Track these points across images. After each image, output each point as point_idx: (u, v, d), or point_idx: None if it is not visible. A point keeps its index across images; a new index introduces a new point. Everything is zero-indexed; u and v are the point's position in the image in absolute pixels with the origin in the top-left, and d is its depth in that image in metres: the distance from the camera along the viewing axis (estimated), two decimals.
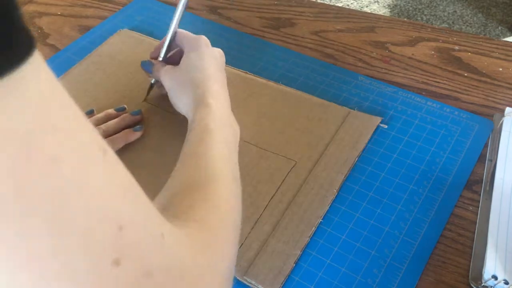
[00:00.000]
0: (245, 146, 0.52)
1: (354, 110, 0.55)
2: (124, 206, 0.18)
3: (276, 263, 0.43)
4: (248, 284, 0.42)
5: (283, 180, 0.49)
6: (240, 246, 0.44)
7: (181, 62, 0.48)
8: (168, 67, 0.49)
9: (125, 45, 0.67)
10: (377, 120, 0.54)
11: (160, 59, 0.53)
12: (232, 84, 0.51)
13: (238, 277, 0.43)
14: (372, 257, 0.43)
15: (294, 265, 0.43)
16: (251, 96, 0.58)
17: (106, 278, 0.17)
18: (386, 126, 0.54)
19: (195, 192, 0.32)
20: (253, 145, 0.52)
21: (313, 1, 0.75)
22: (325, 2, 0.79)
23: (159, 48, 0.53)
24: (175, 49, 0.54)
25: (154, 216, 0.21)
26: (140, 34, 0.68)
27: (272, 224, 0.46)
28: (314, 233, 0.45)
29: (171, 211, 0.30)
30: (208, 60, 0.47)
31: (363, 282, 0.42)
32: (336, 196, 0.48)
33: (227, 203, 0.33)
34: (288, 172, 0.50)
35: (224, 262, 0.28)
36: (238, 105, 0.55)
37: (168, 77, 0.48)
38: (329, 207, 0.47)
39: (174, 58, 0.53)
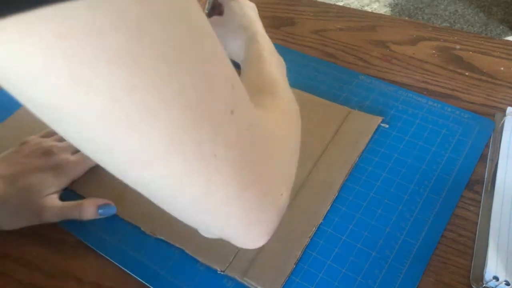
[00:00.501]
0: None
1: (355, 109, 0.55)
2: (233, 73, 0.24)
3: (276, 263, 0.43)
4: (248, 285, 0.42)
5: None
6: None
7: (225, 12, 0.53)
8: (215, 17, 0.53)
9: None
10: (378, 119, 0.54)
11: (206, 12, 0.56)
12: None
13: (238, 278, 0.42)
14: (372, 257, 0.43)
15: (295, 266, 0.43)
16: None
17: (228, 124, 0.22)
18: (387, 126, 0.53)
19: (261, 95, 0.37)
20: None
21: (314, 0, 0.75)
22: (326, 1, 0.79)
23: (203, 4, 0.56)
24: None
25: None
26: None
27: None
28: (315, 233, 0.45)
29: None
30: (248, 8, 0.52)
31: (364, 283, 0.41)
32: (337, 196, 0.47)
33: (292, 103, 0.40)
34: None
35: (293, 138, 0.37)
36: None
37: (217, 25, 0.52)
38: (330, 208, 0.47)
39: (215, 12, 0.57)
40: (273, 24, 0.70)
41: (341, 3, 1.95)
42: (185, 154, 0.21)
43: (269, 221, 0.28)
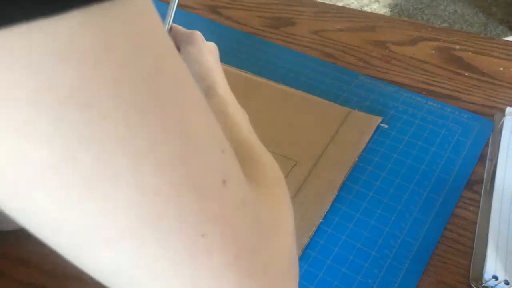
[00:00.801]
0: None
1: (355, 110, 0.55)
2: (223, 135, 0.20)
3: None
4: None
5: None
6: None
7: (183, 57, 0.49)
8: None
9: None
10: (378, 119, 0.54)
11: None
12: (231, 84, 0.51)
13: None
14: (372, 257, 0.43)
15: None
16: (251, 96, 0.58)
17: (218, 197, 0.18)
18: (386, 126, 0.53)
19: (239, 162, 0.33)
20: None
21: (314, 1, 0.75)
22: (325, 2, 0.79)
23: None
24: None
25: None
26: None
27: None
28: (314, 233, 0.45)
29: None
30: (207, 54, 0.48)
31: (364, 282, 0.41)
32: (336, 196, 0.47)
33: (276, 170, 0.33)
34: (288, 172, 0.49)
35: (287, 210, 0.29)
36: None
37: None
38: (329, 207, 0.47)
39: None
40: (273, 24, 0.70)
41: (340, 4, 1.95)
42: (161, 233, 0.16)
43: None
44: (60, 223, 0.16)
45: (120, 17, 0.15)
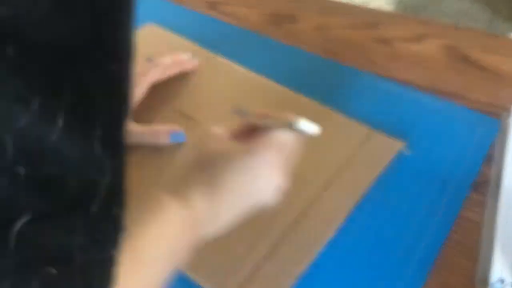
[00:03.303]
0: None
1: (375, 131, 0.51)
2: None
3: (274, 281, 0.41)
4: None
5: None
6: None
7: None
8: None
9: (150, 40, 0.66)
10: (399, 145, 0.50)
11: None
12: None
13: None
14: (377, 260, 0.42)
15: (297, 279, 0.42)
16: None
17: None
18: (408, 153, 0.50)
19: None
20: None
21: None
22: None
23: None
24: None
25: None
26: (166, 30, 0.68)
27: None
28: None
29: None
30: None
31: (368, 285, 0.41)
32: None
33: None
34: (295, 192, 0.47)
35: None
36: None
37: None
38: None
39: None
40: (274, 21, 0.70)
41: (344, 0, 1.94)
42: None
43: None
44: None
45: None
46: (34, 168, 0.18)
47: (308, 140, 0.39)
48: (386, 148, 0.50)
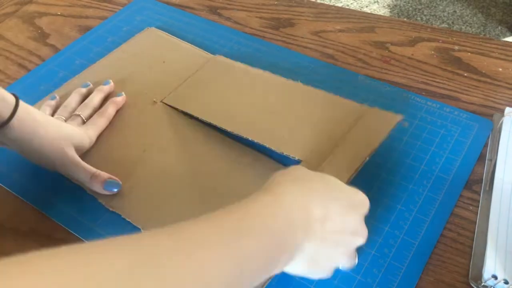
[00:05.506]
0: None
1: (373, 107, 0.52)
2: None
3: None
4: None
5: None
6: None
7: None
8: None
9: (151, 44, 0.67)
10: (397, 118, 0.49)
11: None
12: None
13: None
14: (372, 256, 0.43)
15: None
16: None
17: None
18: (407, 124, 0.51)
19: None
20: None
21: (313, 1, 0.75)
22: (325, 2, 0.79)
23: None
24: None
25: None
26: (166, 33, 0.68)
27: None
28: None
29: None
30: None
31: (363, 282, 0.42)
32: None
33: None
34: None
35: None
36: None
37: None
38: None
39: None
40: (272, 25, 0.70)
41: (340, 4, 1.95)
42: None
43: None
44: None
45: None
46: None
47: (305, 118, 0.45)
48: (384, 121, 0.50)
